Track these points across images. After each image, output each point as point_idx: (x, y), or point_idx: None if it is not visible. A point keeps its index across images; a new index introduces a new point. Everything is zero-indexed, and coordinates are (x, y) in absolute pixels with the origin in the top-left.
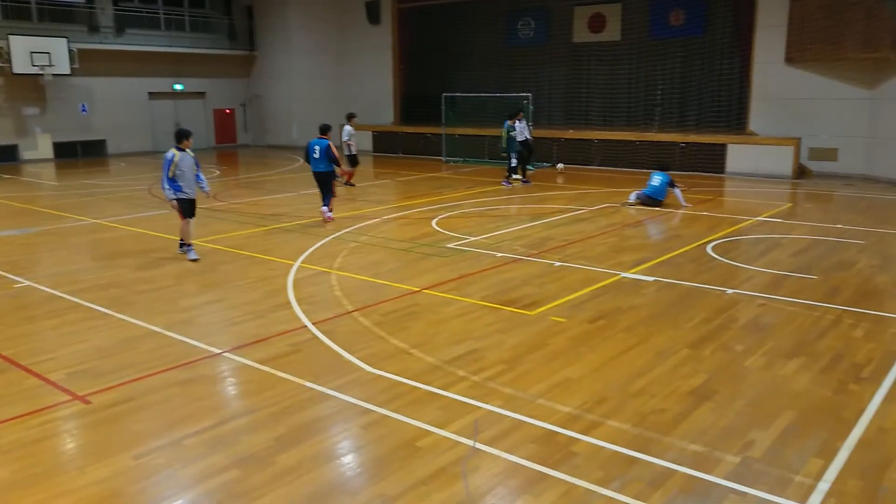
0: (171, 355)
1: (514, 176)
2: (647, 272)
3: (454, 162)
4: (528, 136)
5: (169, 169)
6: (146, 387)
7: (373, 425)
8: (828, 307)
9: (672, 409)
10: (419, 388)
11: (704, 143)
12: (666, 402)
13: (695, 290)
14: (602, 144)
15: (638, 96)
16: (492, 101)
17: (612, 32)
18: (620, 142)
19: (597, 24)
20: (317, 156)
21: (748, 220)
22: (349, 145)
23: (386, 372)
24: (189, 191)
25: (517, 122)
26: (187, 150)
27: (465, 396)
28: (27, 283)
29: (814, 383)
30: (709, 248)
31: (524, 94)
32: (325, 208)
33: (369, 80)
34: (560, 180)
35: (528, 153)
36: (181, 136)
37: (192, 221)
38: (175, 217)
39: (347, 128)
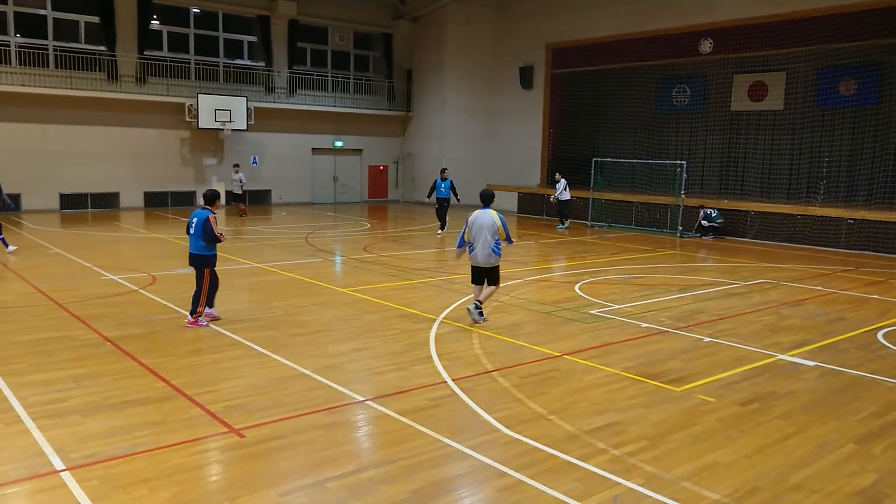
0: (317, 398)
1: None
2: (808, 356)
3: (599, 227)
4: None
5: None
6: (294, 426)
7: (508, 489)
8: None
9: None
10: (557, 457)
11: (876, 221)
12: (828, 500)
13: (863, 380)
14: (758, 217)
15: (801, 168)
16: (642, 167)
17: (774, 101)
18: (779, 215)
19: (758, 92)
20: (192, 231)
21: None
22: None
23: (523, 436)
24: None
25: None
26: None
27: (604, 470)
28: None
29: None
30: (880, 335)
31: (677, 162)
32: (191, 319)
33: (518, 142)
34: (703, 252)
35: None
36: (492, 197)
37: (489, 287)
38: (328, 266)
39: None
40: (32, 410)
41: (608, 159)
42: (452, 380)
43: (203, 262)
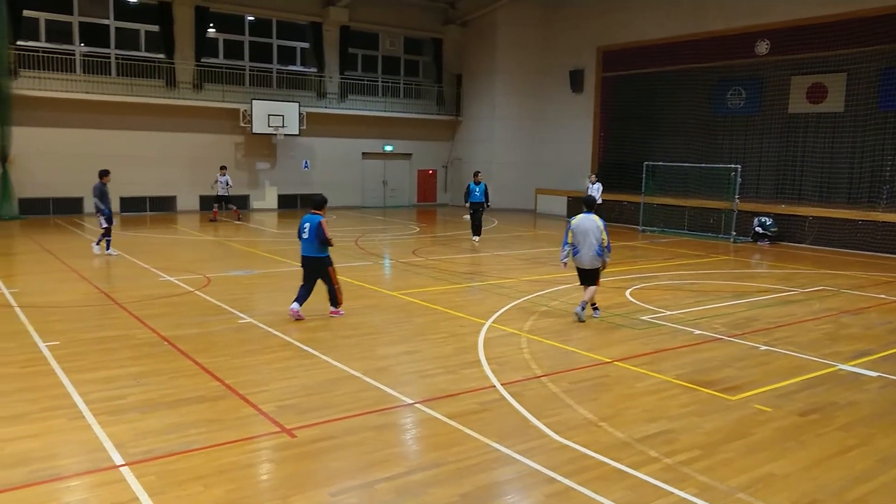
0: (367, 399)
1: None
2: (870, 366)
3: (651, 232)
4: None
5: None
6: (344, 427)
7: (557, 496)
8: None
9: None
10: (607, 464)
11: None
12: None
13: None
14: (817, 222)
15: (862, 172)
16: (695, 170)
17: (834, 103)
18: (839, 220)
19: (817, 94)
20: (306, 236)
21: None
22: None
23: (573, 442)
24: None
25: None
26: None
27: (656, 479)
28: (249, 319)
29: None
30: None
31: (732, 166)
32: (293, 306)
33: (567, 146)
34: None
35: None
36: (586, 202)
37: (590, 287)
38: (377, 269)
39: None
40: (94, 406)
41: (660, 163)
42: (501, 384)
43: (322, 263)
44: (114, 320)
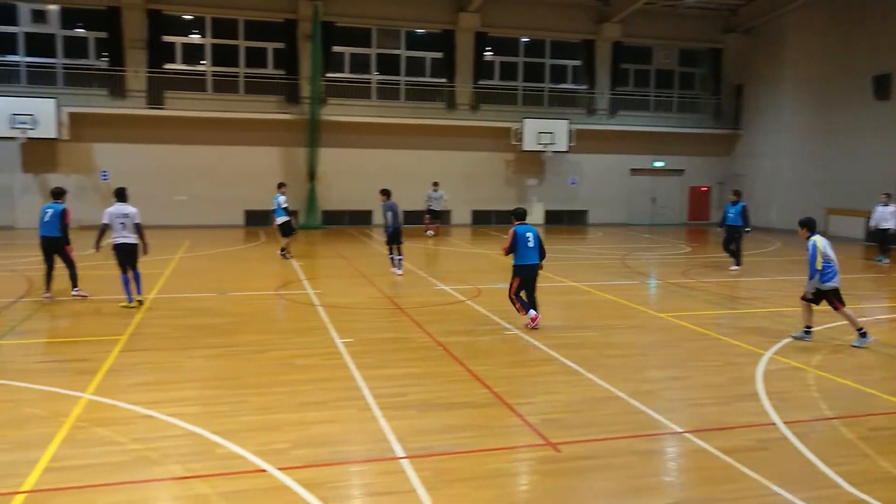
0: (632, 422)
1: None
2: None
3: None
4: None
5: (816, 258)
6: (609, 448)
7: None
8: None
9: None
10: None
11: None
12: None
13: None
14: None
15: None
16: None
17: None
18: None
19: None
20: (531, 244)
21: None
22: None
23: (872, 497)
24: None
25: None
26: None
27: None
28: (515, 331)
29: None
30: None
31: None
32: (532, 313)
33: (866, 161)
34: None
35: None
36: (812, 224)
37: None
38: (643, 289)
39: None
40: (380, 401)
41: None
42: (783, 422)
43: (538, 270)
44: (396, 323)
